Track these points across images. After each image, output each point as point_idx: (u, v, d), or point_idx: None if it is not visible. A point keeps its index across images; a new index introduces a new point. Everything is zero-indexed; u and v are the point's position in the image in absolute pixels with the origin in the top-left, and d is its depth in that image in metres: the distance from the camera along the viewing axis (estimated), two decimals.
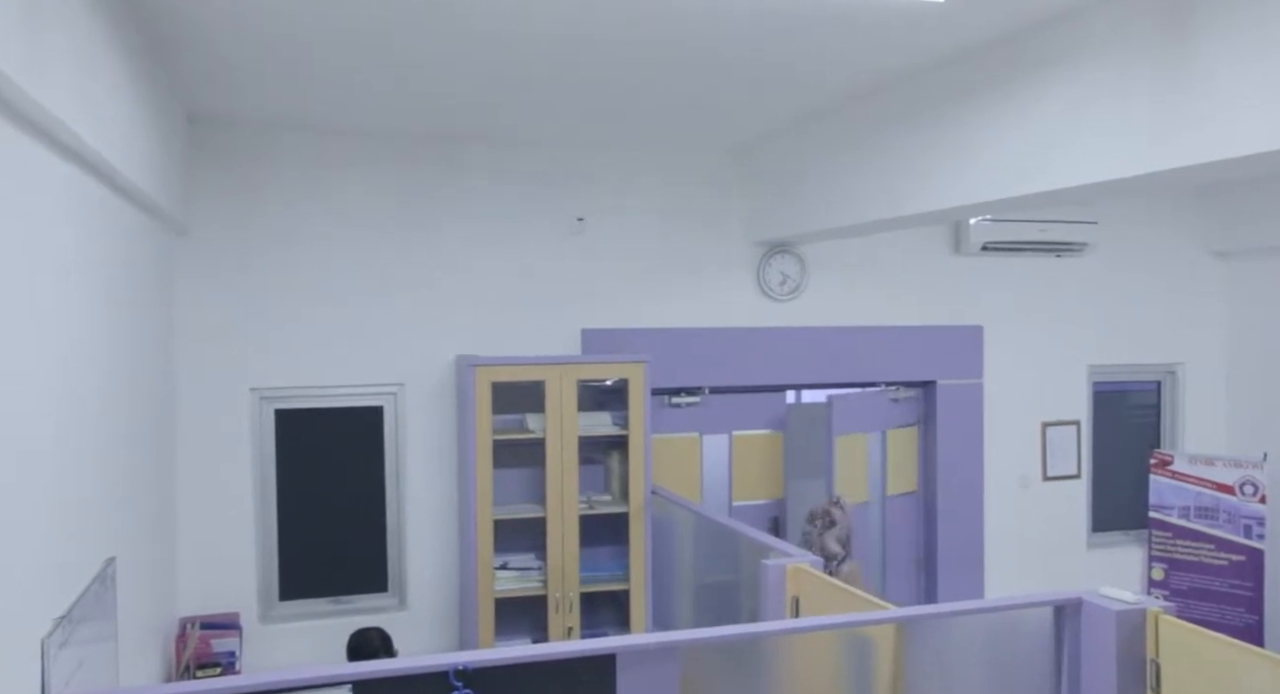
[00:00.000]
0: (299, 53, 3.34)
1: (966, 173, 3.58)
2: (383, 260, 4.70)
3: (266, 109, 4.17)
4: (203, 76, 3.63)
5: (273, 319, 4.54)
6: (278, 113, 4.24)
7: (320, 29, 3.09)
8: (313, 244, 4.60)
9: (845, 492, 4.90)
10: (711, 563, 4.37)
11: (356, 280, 4.66)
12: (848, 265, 5.37)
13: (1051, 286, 5.71)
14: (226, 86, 3.78)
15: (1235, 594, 5.48)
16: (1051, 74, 3.17)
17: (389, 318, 4.70)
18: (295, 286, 4.58)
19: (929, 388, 5.49)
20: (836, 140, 4.33)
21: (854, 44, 3.32)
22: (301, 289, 4.59)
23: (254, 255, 4.53)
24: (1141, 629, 2.84)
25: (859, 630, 2.96)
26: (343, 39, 3.20)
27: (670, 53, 3.39)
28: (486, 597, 4.40)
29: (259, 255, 4.53)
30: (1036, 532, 5.66)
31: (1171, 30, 2.77)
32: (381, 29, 3.10)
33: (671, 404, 5.15)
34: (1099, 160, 3.05)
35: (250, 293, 4.52)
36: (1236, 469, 5.54)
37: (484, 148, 4.84)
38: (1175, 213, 5.93)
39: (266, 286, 4.54)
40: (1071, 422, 5.74)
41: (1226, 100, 2.61)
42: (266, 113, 4.24)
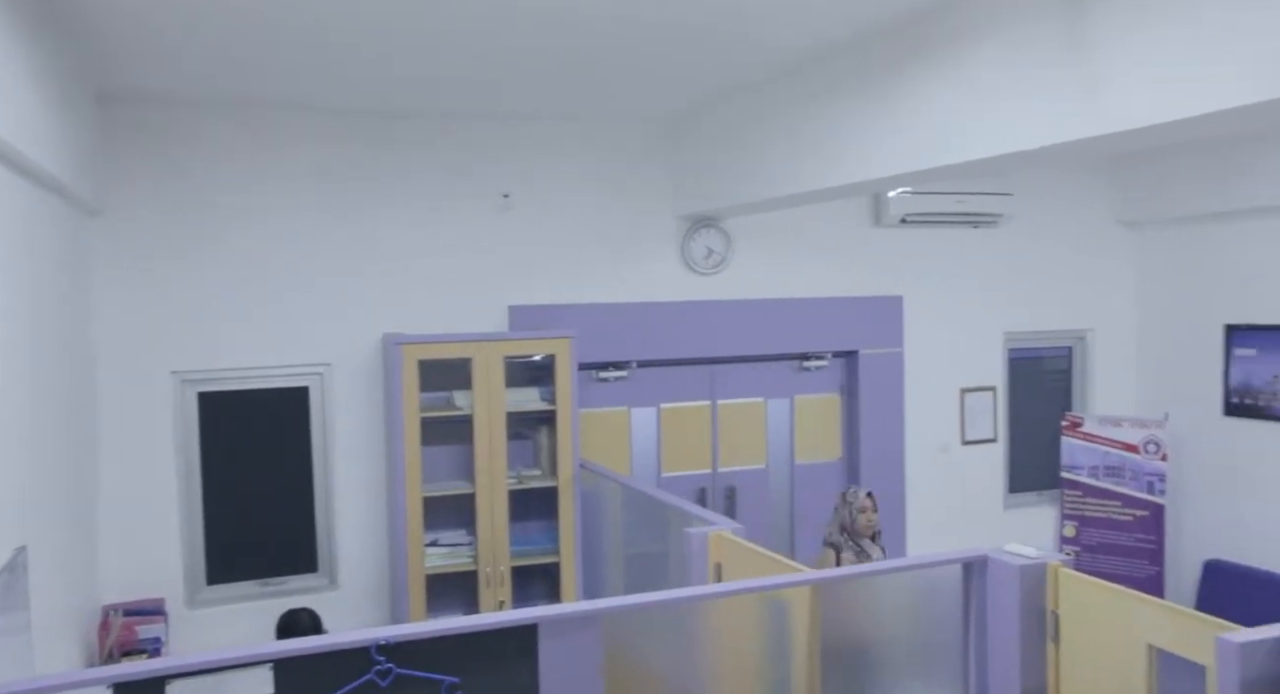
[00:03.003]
0: (218, 27, 3.29)
1: (885, 145, 3.66)
2: (307, 239, 4.66)
3: (185, 85, 4.09)
4: (116, 52, 3.55)
5: (194, 301, 4.48)
6: (197, 89, 4.17)
7: (239, 2, 3.05)
8: (235, 223, 4.54)
9: (735, 458, 5.05)
10: (640, 533, 4.45)
11: (280, 260, 4.61)
12: (772, 239, 5.45)
13: (969, 257, 5.87)
14: (142, 62, 3.70)
15: (1139, 547, 5.75)
16: (965, 48, 3.26)
17: (314, 298, 4.67)
18: (217, 267, 4.51)
19: (851, 357, 5.63)
20: (760, 114, 4.39)
21: (772, 17, 3.37)
22: (223, 270, 4.52)
23: (174, 236, 4.45)
24: (1042, 582, 2.98)
25: (776, 594, 3.06)
26: (263, 12, 3.15)
27: (593, 23, 3.40)
28: (417, 574, 4.42)
29: (179, 236, 4.45)
30: (956, 494, 5.85)
31: (1075, 6, 2.87)
32: (303, 2, 3.06)
33: (599, 379, 5.20)
34: (1009, 132, 3.15)
35: (171, 275, 4.45)
36: (1141, 429, 5.78)
37: (410, 123, 4.81)
38: (1086, 184, 6.12)
39: (187, 268, 4.47)
40: (988, 387, 5.93)
41: (1124, 75, 2.72)
42: (185, 89, 4.16)
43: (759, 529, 5.46)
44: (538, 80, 4.15)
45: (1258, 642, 2.26)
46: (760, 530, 5.47)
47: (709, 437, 5.42)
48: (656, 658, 3.05)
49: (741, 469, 5.47)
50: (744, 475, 5.47)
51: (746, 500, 5.46)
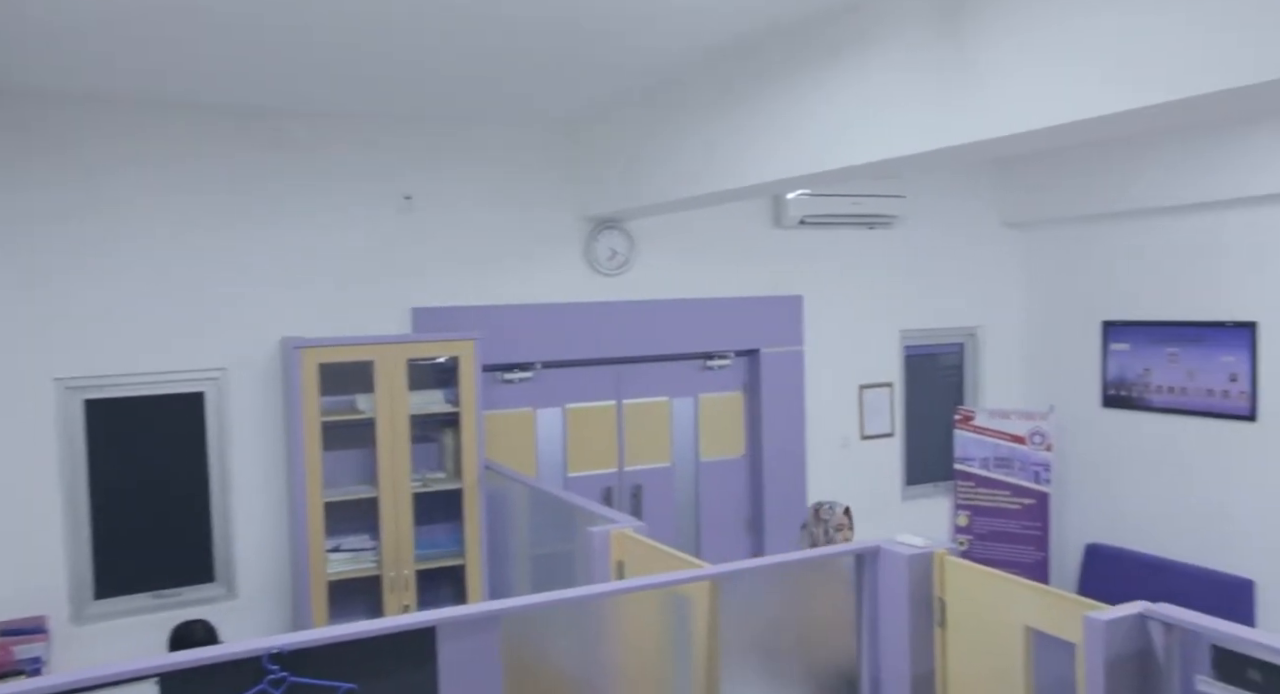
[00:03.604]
0: (100, 17, 3.19)
1: (780, 148, 3.75)
2: (201, 240, 4.54)
3: (72, 83, 3.95)
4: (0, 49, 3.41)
5: (78, 304, 4.32)
6: (85, 87, 4.03)
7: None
8: (124, 225, 4.40)
9: (640, 457, 5.09)
10: (545, 534, 4.47)
11: (173, 262, 4.49)
12: (674, 240, 5.53)
13: (865, 257, 6.04)
14: (26, 59, 3.56)
15: (1027, 534, 6.01)
16: (855, 54, 3.36)
17: (209, 301, 4.55)
18: (105, 270, 4.37)
19: (753, 356, 5.74)
20: (661, 116, 4.45)
21: (669, 20, 3.43)
22: (112, 273, 4.38)
23: (59, 238, 4.28)
24: (930, 570, 3.11)
25: (677, 589, 3.12)
26: (149, 7, 3.07)
27: (493, 24, 3.41)
28: (319, 580, 4.36)
29: (65, 238, 4.29)
30: (856, 487, 6.02)
31: (954, 15, 2.99)
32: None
33: (505, 380, 5.20)
34: (896, 137, 3.27)
35: (53, 277, 4.28)
36: (1028, 421, 6.04)
37: (309, 122, 4.73)
38: (974, 186, 6.37)
39: (71, 270, 4.31)
40: (886, 384, 6.12)
41: (1002, 82, 2.85)
42: (72, 87, 4.02)
43: (665, 526, 5.54)
44: (438, 82, 4.13)
45: (1121, 619, 2.40)
46: (666, 528, 5.55)
47: (614, 436, 5.47)
48: (560, 657, 3.07)
49: (647, 468, 5.53)
50: (650, 474, 5.54)
51: (652, 498, 5.53)
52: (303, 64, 3.80)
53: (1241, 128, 5.05)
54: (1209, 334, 5.47)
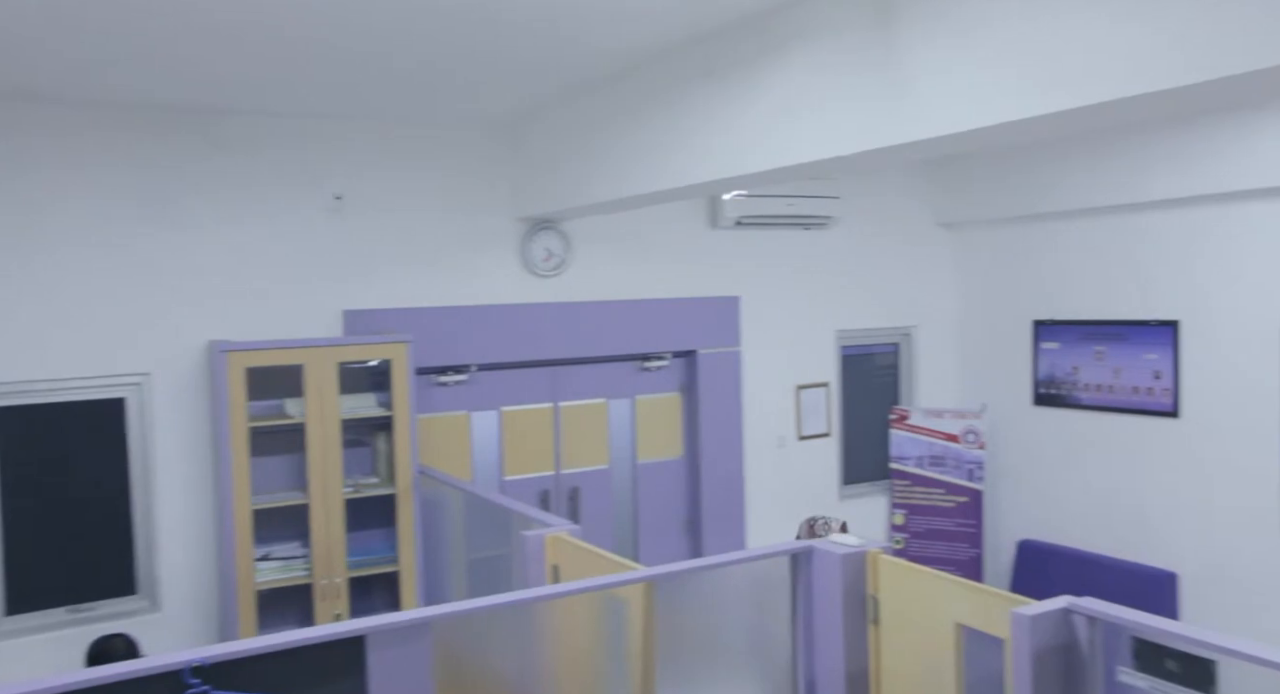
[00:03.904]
0: (17, 10, 3.06)
1: (714, 148, 3.75)
2: (123, 241, 4.39)
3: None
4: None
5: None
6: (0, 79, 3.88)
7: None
8: (41, 224, 4.24)
9: (578, 459, 5.06)
10: (481, 538, 4.41)
11: (93, 264, 4.34)
12: (611, 241, 5.51)
13: (801, 258, 6.08)
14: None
15: (961, 531, 6.10)
16: (786, 55, 3.37)
17: (131, 304, 4.41)
18: (19, 271, 4.20)
19: (690, 357, 5.74)
20: (596, 116, 4.42)
21: (602, 19, 3.40)
22: (27, 275, 4.22)
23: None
24: (863, 569, 3.13)
25: (611, 592, 3.09)
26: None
27: (425, 23, 3.35)
28: (247, 590, 4.25)
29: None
30: (794, 487, 6.06)
31: (887, 15, 3.01)
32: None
33: (439, 383, 5.13)
34: (827, 138, 3.28)
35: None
36: (961, 420, 6.14)
37: (237, 120, 4.61)
38: (908, 187, 6.45)
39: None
40: (822, 384, 6.17)
41: (929, 85, 2.88)
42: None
43: (603, 529, 5.51)
44: (370, 82, 4.06)
45: (1046, 614, 2.44)
46: (604, 530, 5.52)
47: (551, 439, 5.42)
48: (495, 662, 3.03)
49: (585, 470, 5.50)
50: (587, 476, 5.50)
51: (590, 501, 5.50)
52: (230, 62, 3.70)
53: (1166, 130, 5.18)
54: (1134, 333, 5.61)
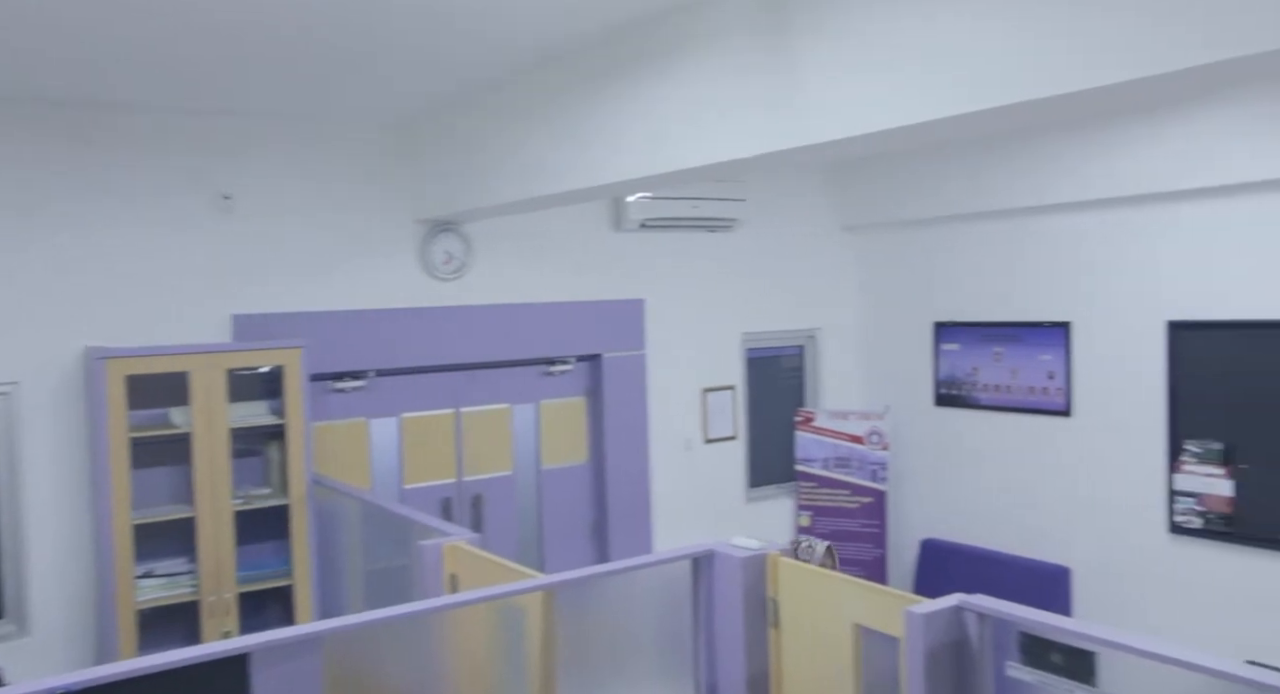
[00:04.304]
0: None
1: (615, 150, 3.71)
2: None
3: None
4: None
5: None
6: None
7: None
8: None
9: (481, 466, 4.96)
10: (380, 549, 4.29)
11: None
12: (513, 243, 5.42)
13: (707, 261, 6.09)
14: None
15: (866, 532, 6.18)
16: (684, 58, 3.35)
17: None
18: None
19: (595, 361, 5.69)
20: (499, 116, 4.34)
21: (508, 19, 3.34)
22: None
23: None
24: (763, 572, 3.12)
25: (510, 601, 3.02)
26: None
27: (318, 16, 3.23)
28: (127, 610, 4.04)
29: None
30: (701, 491, 6.06)
31: (779, 21, 3.01)
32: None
33: (335, 389, 4.97)
34: (724, 141, 3.27)
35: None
36: (865, 421, 6.22)
37: (114, 115, 4.39)
38: (812, 190, 6.52)
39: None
40: (728, 386, 6.18)
41: (826, 88, 2.89)
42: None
43: (507, 536, 5.42)
44: (256, 76, 3.91)
45: (938, 612, 2.45)
46: (509, 537, 5.43)
47: (453, 445, 5.31)
48: (391, 677, 2.93)
49: (488, 477, 5.40)
50: (491, 483, 5.40)
51: (494, 508, 5.40)
52: (104, 52, 3.51)
53: (1060, 135, 5.33)
54: (1029, 334, 5.76)
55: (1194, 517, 5.01)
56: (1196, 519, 5.01)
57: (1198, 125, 4.74)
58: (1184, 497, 5.05)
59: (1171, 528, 5.11)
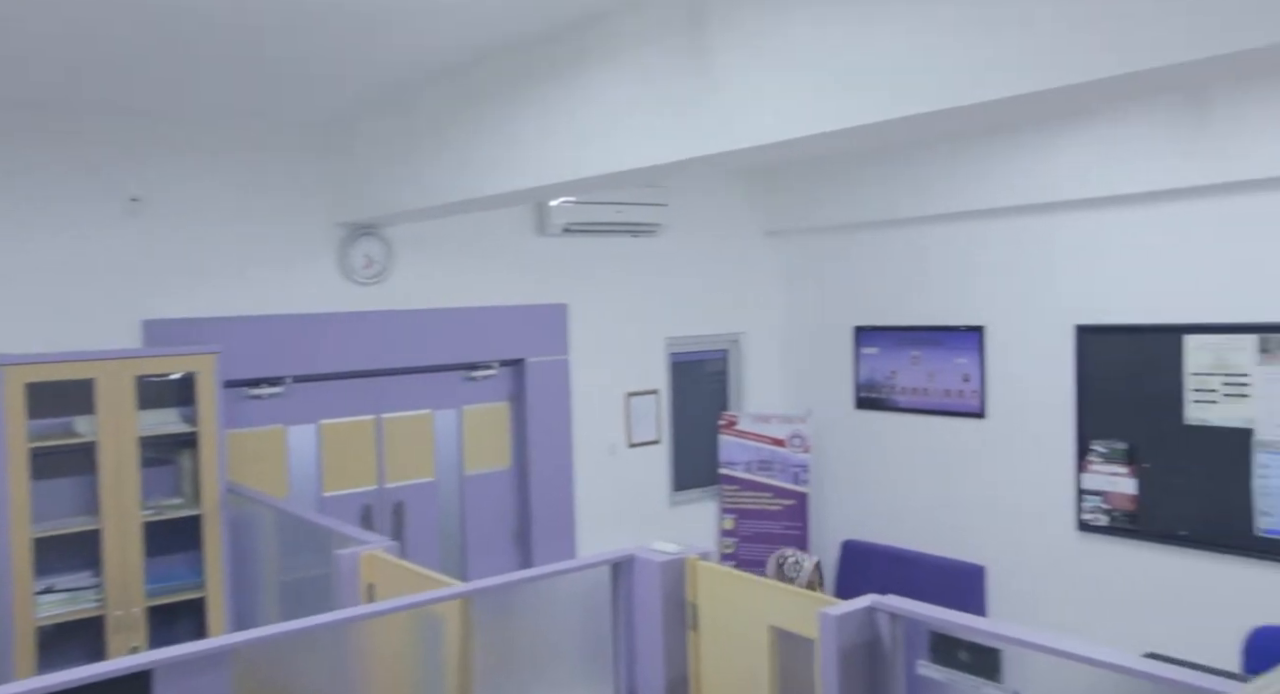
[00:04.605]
0: None
1: (535, 155, 3.70)
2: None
3: None
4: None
5: None
6: None
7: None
8: None
9: (402, 472, 4.91)
10: (297, 558, 4.20)
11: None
12: (435, 248, 5.37)
13: (630, 265, 6.11)
14: None
15: (788, 534, 6.25)
16: (605, 61, 3.36)
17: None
18: None
19: (518, 365, 5.66)
20: (420, 119, 4.29)
21: (427, 23, 3.30)
22: None
23: None
24: (682, 576, 3.13)
25: (427, 610, 2.98)
26: None
27: (234, 15, 3.15)
28: (25, 627, 3.88)
29: None
30: (625, 495, 6.06)
31: (701, 25, 3.04)
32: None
33: (251, 396, 4.86)
34: (645, 146, 3.28)
35: None
36: (787, 424, 6.30)
37: (20, 113, 4.22)
38: (735, 195, 6.58)
39: None
40: (652, 391, 6.20)
41: (743, 94, 2.92)
42: None
43: (429, 544, 5.36)
44: (172, 74, 3.80)
45: (851, 613, 2.49)
46: (430, 545, 5.37)
47: (374, 452, 5.23)
48: (307, 690, 2.87)
49: (409, 483, 5.33)
50: (412, 490, 5.33)
51: (416, 515, 5.33)
52: (2, 45, 3.39)
53: (976, 142, 5.47)
54: (946, 338, 5.90)
55: (1100, 514, 5.19)
56: (1103, 517, 5.18)
57: (1099, 136, 4.91)
58: (1091, 495, 5.22)
59: (1080, 526, 5.27)
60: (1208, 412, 4.79)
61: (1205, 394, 4.79)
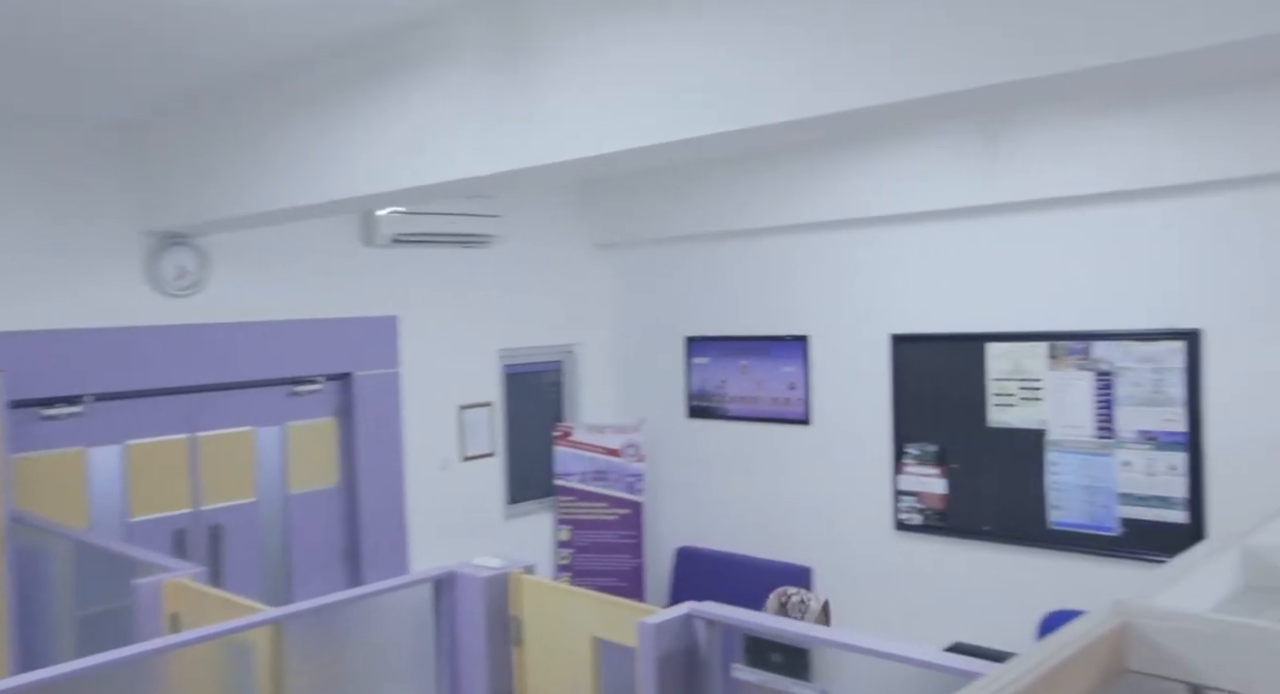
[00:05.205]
0: None
1: (357, 164, 3.61)
2: None
3: None
4: None
5: None
6: None
7: None
8: None
9: (220, 494, 4.72)
10: (96, 591, 3.93)
11: None
12: (255, 258, 5.15)
13: (462, 276, 6.03)
14: None
15: (623, 543, 6.31)
16: (427, 72, 3.31)
17: None
18: None
19: (346, 380, 5.49)
20: (238, 122, 4.11)
21: (241, 23, 3.16)
22: None
23: None
24: (506, 591, 3.11)
25: (235, 638, 2.85)
26: None
27: (30, 10, 2.93)
28: None
29: None
30: (459, 510, 5.97)
31: (518, 40, 3.03)
32: None
33: (45, 416, 4.52)
34: (463, 158, 3.25)
35: None
36: (621, 434, 6.35)
37: None
38: (566, 207, 6.61)
39: None
40: (485, 403, 6.14)
41: (563, 108, 2.93)
42: None
43: (249, 567, 5.12)
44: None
45: (669, 621, 2.53)
46: (251, 569, 5.13)
47: (187, 473, 4.95)
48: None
49: (229, 505, 5.07)
50: (232, 511, 5.08)
51: (235, 538, 5.08)
52: None
53: (798, 158, 5.68)
54: (773, 347, 6.09)
55: (915, 514, 5.46)
56: (917, 516, 5.46)
57: (906, 155, 5.19)
58: (906, 496, 5.50)
59: (897, 525, 5.54)
60: (1007, 414, 5.13)
61: (1005, 398, 5.13)
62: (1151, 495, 4.70)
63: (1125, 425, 4.76)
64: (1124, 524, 4.78)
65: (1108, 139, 4.57)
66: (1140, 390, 4.72)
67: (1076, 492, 4.91)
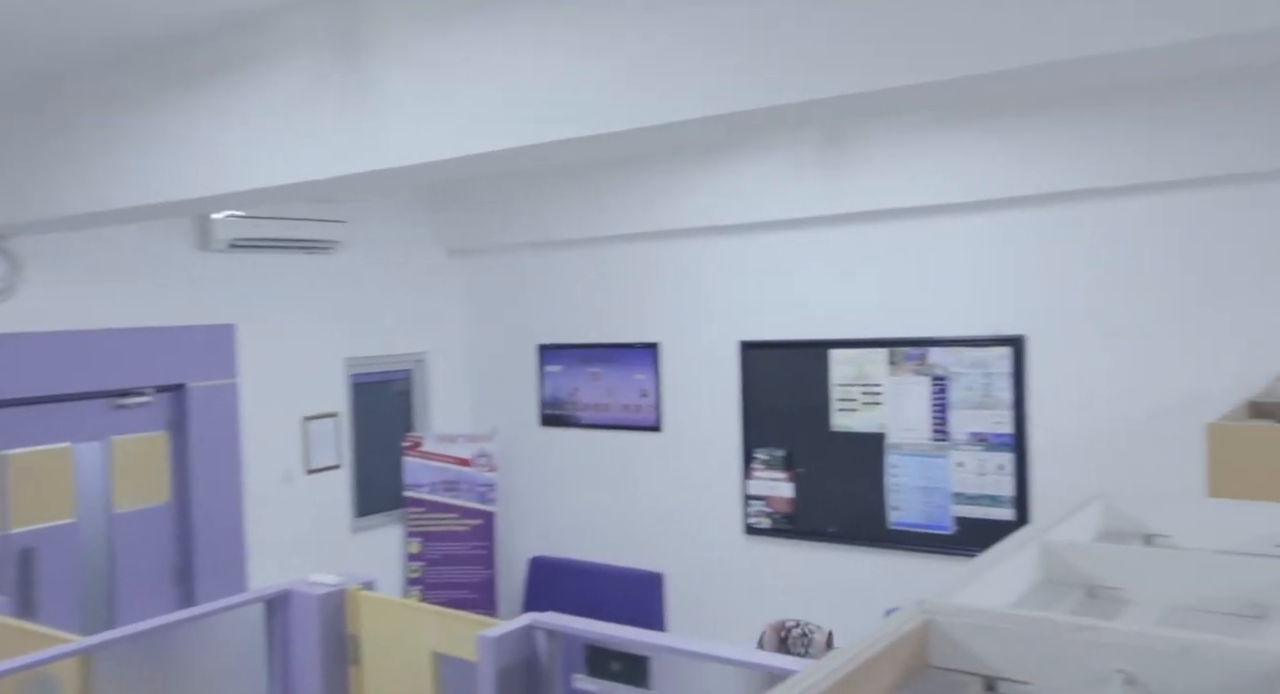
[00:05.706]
0: None
1: (187, 166, 3.42)
2: None
3: None
4: None
5: None
6: None
7: None
8: None
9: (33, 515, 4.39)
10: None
11: None
12: (76, 262, 4.82)
13: (306, 283, 5.81)
14: None
15: (475, 554, 6.20)
16: (261, 72, 3.16)
17: None
18: None
19: (179, 391, 5.21)
20: (53, 118, 3.83)
21: (59, 10, 2.94)
22: None
23: None
24: (342, 608, 3.00)
25: (39, 671, 2.64)
26: None
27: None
28: None
29: None
30: (303, 524, 5.75)
31: (354, 43, 2.93)
32: None
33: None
34: (302, 160, 3.12)
35: None
36: (473, 443, 6.25)
37: None
38: (414, 213, 6.47)
39: None
40: (331, 414, 5.93)
41: (401, 112, 2.85)
42: None
43: (68, 593, 4.78)
44: None
45: (509, 634, 2.49)
46: (69, 594, 4.79)
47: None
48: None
49: (43, 527, 4.72)
50: (46, 534, 4.73)
51: (50, 562, 4.73)
52: None
53: (649, 167, 5.72)
54: (624, 355, 6.11)
55: (763, 518, 5.58)
56: (765, 519, 5.58)
57: (751, 165, 5.31)
58: (756, 500, 5.61)
59: (746, 529, 5.64)
60: (850, 419, 5.30)
61: (848, 403, 5.30)
62: (982, 494, 4.94)
63: (958, 428, 5.00)
64: (958, 522, 5.01)
65: (940, 153, 4.79)
66: (972, 394, 4.96)
67: (914, 493, 5.12)
